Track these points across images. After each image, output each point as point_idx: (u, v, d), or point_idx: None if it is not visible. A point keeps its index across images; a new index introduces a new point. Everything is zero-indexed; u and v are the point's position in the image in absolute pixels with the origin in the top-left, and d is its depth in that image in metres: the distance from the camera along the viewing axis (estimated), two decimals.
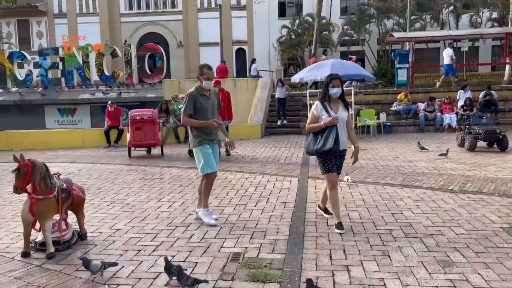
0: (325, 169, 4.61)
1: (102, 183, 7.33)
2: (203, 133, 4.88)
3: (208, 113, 4.89)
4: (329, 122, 4.44)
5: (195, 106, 4.83)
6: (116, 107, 13.05)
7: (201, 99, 4.86)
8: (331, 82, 4.55)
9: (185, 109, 4.86)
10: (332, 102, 4.58)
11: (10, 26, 31.29)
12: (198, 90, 4.89)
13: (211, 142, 4.93)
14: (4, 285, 3.42)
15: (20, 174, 3.84)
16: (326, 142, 4.44)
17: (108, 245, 4.29)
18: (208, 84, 4.91)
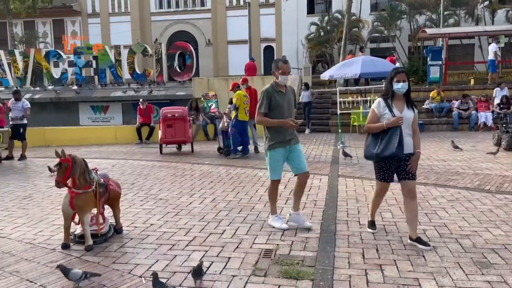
0: (380, 176, 4.13)
1: (135, 179, 7.50)
2: (277, 135, 4.50)
3: (284, 111, 4.50)
4: (392, 123, 3.89)
5: (270, 104, 4.46)
6: (147, 105, 13.31)
7: (276, 96, 4.48)
8: (395, 76, 3.96)
9: (260, 107, 4.50)
10: (396, 100, 4.01)
11: (46, 26, 32.34)
12: (273, 87, 4.52)
13: (287, 143, 4.53)
14: (46, 275, 3.57)
15: (61, 169, 3.99)
16: (387, 146, 3.90)
17: (142, 239, 4.40)
18: (284, 79, 4.48)
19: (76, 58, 19.07)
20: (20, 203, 6.01)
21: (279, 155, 4.55)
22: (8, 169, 9.17)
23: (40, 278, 3.50)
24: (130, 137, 13.32)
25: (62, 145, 12.77)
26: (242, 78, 11.03)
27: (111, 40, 29.36)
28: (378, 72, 11.85)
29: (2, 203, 6.05)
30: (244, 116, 9.49)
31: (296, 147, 4.62)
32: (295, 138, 4.62)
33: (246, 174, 7.62)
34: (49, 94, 18.76)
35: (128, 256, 3.95)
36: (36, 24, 31.89)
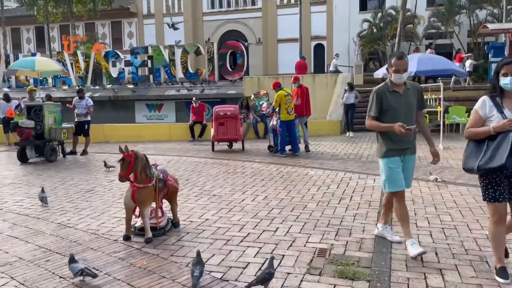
0: (489, 196, 3.23)
1: (189, 175, 7.71)
2: (391, 140, 3.86)
3: (399, 115, 3.77)
4: (501, 126, 3.10)
5: (381, 106, 3.83)
6: (200, 103, 13.62)
7: (389, 97, 3.82)
8: (502, 68, 3.21)
9: (369, 110, 3.90)
10: (506, 98, 3.24)
11: (105, 27, 33.92)
12: (387, 86, 3.88)
13: (402, 152, 3.88)
14: (111, 264, 3.77)
15: (125, 164, 4.18)
16: (495, 155, 3.10)
17: (198, 234, 4.52)
18: (399, 78, 3.79)
19: (132, 58, 19.86)
20: (83, 196, 6.37)
21: (394, 163, 3.87)
22: (72, 163, 9.74)
23: (105, 266, 3.70)
24: (183, 135, 13.70)
25: (120, 141, 13.37)
26: (293, 77, 11.02)
27: (165, 40, 30.31)
28: (437, 70, 11.40)
29: (68, 195, 6.43)
30: (287, 116, 9.46)
31: (410, 158, 3.96)
32: (412, 148, 3.94)
33: (297, 173, 7.62)
34: (108, 92, 19.68)
35: (185, 250, 4.08)
36: (96, 26, 33.53)
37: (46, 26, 31.20)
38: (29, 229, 4.78)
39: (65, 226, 4.89)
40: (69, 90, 19.49)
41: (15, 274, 3.58)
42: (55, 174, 8.24)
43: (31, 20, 32.48)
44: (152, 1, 32.71)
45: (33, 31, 35.50)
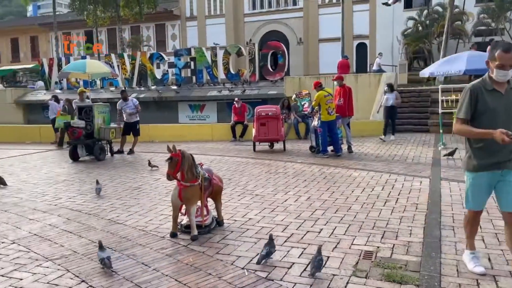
0: None
1: (231, 175, 7.81)
2: (486, 152, 3.23)
3: (499, 119, 3.15)
4: None
5: (476, 107, 3.22)
6: (242, 104, 13.74)
7: (488, 97, 3.20)
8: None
9: (458, 111, 3.31)
10: None
11: (149, 30, 34.93)
12: (485, 83, 3.25)
13: (499, 167, 3.21)
14: (158, 260, 3.88)
15: (172, 162, 4.30)
16: None
17: (242, 233, 4.57)
18: (503, 75, 3.14)
19: (176, 60, 20.28)
20: (131, 193, 6.59)
21: (483, 181, 3.30)
22: (120, 162, 10.10)
23: (153, 262, 3.82)
24: (225, 135, 13.87)
25: (164, 141, 13.75)
26: (336, 76, 10.90)
27: (207, 41, 30.80)
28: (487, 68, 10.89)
29: (117, 192, 6.68)
30: (327, 116, 9.36)
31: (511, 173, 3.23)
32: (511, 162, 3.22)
33: (340, 174, 7.53)
34: (152, 93, 20.20)
35: (230, 248, 4.14)
36: (141, 29, 34.58)
37: (94, 30, 32.50)
38: (82, 224, 5.01)
39: (115, 222, 5.08)
40: (116, 91, 20.15)
41: (70, 267, 3.76)
42: (104, 172, 8.58)
43: (81, 24, 33.97)
44: (195, 4, 33.33)
45: (82, 34, 37.08)
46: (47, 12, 53.62)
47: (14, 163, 10.07)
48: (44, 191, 6.88)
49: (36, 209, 5.76)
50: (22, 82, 31.17)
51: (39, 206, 5.89)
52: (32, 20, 45.30)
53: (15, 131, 16.60)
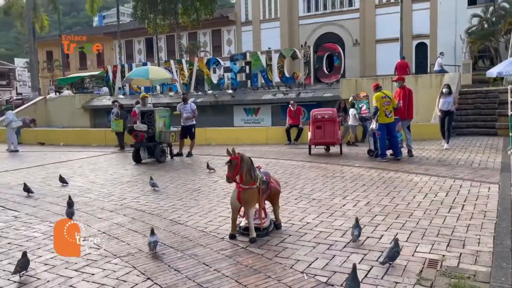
0: None
1: (287, 178, 7.81)
2: None
3: None
4: None
5: None
6: (297, 107, 13.71)
7: None
8: None
9: None
10: None
11: (206, 36, 35.84)
12: None
13: None
14: (219, 261, 3.97)
15: (232, 165, 4.38)
16: None
17: (300, 237, 4.56)
18: None
19: (232, 64, 20.66)
20: (191, 195, 6.79)
21: None
22: (179, 164, 10.44)
23: (214, 263, 3.91)
24: (280, 138, 13.90)
25: (220, 144, 14.03)
26: (397, 77, 10.57)
27: (262, 45, 31.08)
28: None
29: (177, 194, 6.91)
30: (385, 119, 9.09)
31: None
32: None
33: (400, 179, 7.29)
34: (209, 98, 20.72)
35: (288, 251, 4.15)
36: (198, 35, 35.57)
37: (155, 37, 33.86)
38: (145, 224, 5.23)
39: (177, 222, 5.26)
40: (175, 96, 20.90)
41: (137, 264, 3.94)
42: (165, 174, 8.91)
43: (142, 32, 35.56)
44: (250, 9, 33.76)
45: (143, 42, 38.80)
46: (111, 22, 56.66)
47: (83, 165, 10.72)
48: (110, 192, 7.26)
49: (104, 208, 6.09)
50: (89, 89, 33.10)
51: (106, 206, 6.23)
52: (98, 29, 48.06)
53: (83, 134, 17.68)
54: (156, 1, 28.70)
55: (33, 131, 18.63)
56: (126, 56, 38.84)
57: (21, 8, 33.93)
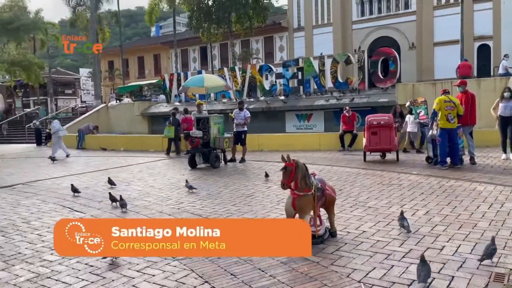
0: None
1: (342, 185, 7.70)
2: None
3: None
4: None
5: None
6: (352, 112, 13.50)
7: None
8: None
9: None
10: None
11: (258, 43, 36.23)
12: None
13: None
14: (274, 267, 3.98)
15: (286, 172, 4.40)
16: None
17: (357, 245, 4.48)
18: None
19: (284, 71, 20.72)
20: (245, 200, 6.88)
21: None
22: (233, 170, 10.61)
23: (269, 269, 3.94)
24: (333, 144, 13.73)
25: (272, 150, 14.10)
26: (459, 81, 10.10)
27: (314, 51, 30.90)
28: None
29: (232, 199, 7.03)
30: (446, 123, 8.68)
31: None
32: None
33: (462, 187, 6.96)
34: (261, 104, 20.87)
35: (345, 260, 4.09)
36: (251, 42, 36.02)
37: (209, 46, 34.72)
38: None
39: None
40: (228, 103, 21.26)
41: (194, 268, 4.05)
42: (219, 179, 9.09)
43: (196, 41, 36.56)
44: (302, 15, 33.72)
45: (198, 51, 39.88)
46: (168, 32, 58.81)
47: (142, 169, 11.18)
48: (168, 196, 7.52)
49: (163, 212, 6.32)
50: (147, 96, 34.55)
51: (164, 210, 6.46)
52: (155, 39, 50.05)
53: (141, 140, 18.45)
54: (211, 11, 29.44)
55: (96, 137, 19.70)
56: (181, 64, 40.11)
57: (86, 21, 36.08)
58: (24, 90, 45.81)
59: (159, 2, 34.76)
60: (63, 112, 34.35)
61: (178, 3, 33.46)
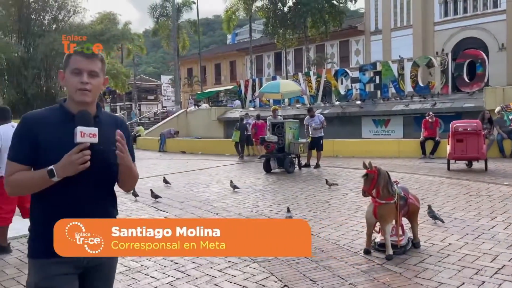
0: None
1: (424, 194, 7.34)
2: None
3: None
4: None
5: None
6: (435, 118, 12.84)
7: None
8: None
9: None
10: None
11: (333, 47, 35.79)
12: None
13: None
14: (354, 275, 3.92)
15: (368, 179, 4.31)
16: None
17: (442, 258, 4.26)
18: None
19: (361, 75, 20.26)
20: (321, 206, 6.82)
21: None
22: (307, 175, 10.57)
23: (349, 277, 3.88)
24: (413, 151, 13.15)
25: (348, 156, 13.83)
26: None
27: (392, 54, 29.81)
28: None
29: (308, 204, 7.01)
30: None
31: None
32: None
33: None
34: (336, 109, 20.57)
35: (430, 273, 3.90)
36: (325, 47, 35.68)
37: (283, 51, 34.98)
38: None
39: None
40: (302, 108, 21.22)
41: (273, 271, 4.11)
42: (294, 184, 9.11)
43: (271, 47, 37.04)
44: (380, 18, 32.74)
45: (272, 56, 40.34)
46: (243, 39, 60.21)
47: (219, 172, 11.54)
48: (245, 199, 7.69)
49: (240, 214, 6.48)
50: (223, 102, 35.62)
51: (242, 212, 6.61)
52: (231, 46, 51.51)
53: (218, 144, 19.04)
54: (286, 17, 29.65)
55: (176, 141, 20.70)
56: (256, 70, 40.82)
57: (168, 30, 38.12)
58: (112, 97, 49.50)
59: (236, 11, 35.74)
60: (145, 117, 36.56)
61: (255, 11, 34.11)
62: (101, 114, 2.02)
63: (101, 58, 1.99)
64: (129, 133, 2.09)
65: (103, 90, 2.12)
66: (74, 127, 1.80)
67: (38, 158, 1.87)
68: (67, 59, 1.96)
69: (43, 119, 1.92)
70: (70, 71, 1.92)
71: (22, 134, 1.90)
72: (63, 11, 27.22)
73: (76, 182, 1.86)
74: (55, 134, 1.88)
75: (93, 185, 1.92)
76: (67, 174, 1.81)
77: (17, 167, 1.88)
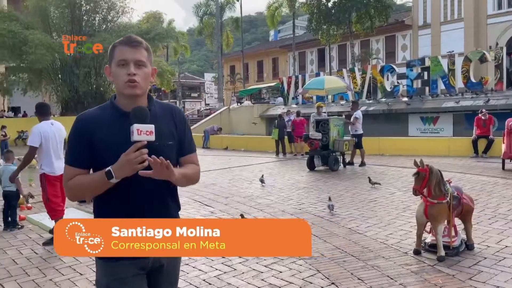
0: None
1: (477, 195, 7.02)
2: None
3: None
4: None
5: None
6: (488, 116, 12.25)
7: None
8: None
9: None
10: None
11: (378, 43, 34.91)
12: None
13: None
14: (404, 276, 3.82)
15: (419, 177, 4.19)
16: None
17: (498, 261, 4.07)
18: None
19: (408, 71, 19.66)
20: (368, 205, 6.69)
21: None
22: (352, 173, 10.40)
23: (399, 277, 3.78)
24: (464, 150, 12.61)
25: (394, 154, 13.47)
26: None
27: (441, 49, 28.71)
28: None
29: (353, 203, 6.90)
30: None
31: None
32: None
33: None
34: (381, 106, 20.07)
35: (485, 276, 3.74)
36: (371, 42, 34.86)
37: (327, 47, 34.53)
38: (325, 230, 5.37)
39: (355, 231, 5.25)
40: (346, 105, 20.87)
41: (320, 268, 4.08)
42: (339, 182, 8.99)
43: (314, 43, 36.65)
44: (429, 11, 31.56)
45: (315, 53, 39.91)
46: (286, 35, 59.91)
47: (262, 169, 11.56)
48: (288, 196, 7.67)
49: (285, 211, 6.48)
50: (265, 99, 35.68)
51: (286, 209, 6.60)
52: (273, 43, 51.41)
53: (260, 141, 19.10)
54: (331, 12, 29.22)
55: (220, 138, 20.97)
56: (298, 67, 40.56)
57: (211, 29, 38.63)
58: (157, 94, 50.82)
59: (279, 7, 35.64)
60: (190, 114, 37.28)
61: (298, 7, 33.87)
62: (153, 107, 1.91)
63: (146, 46, 1.88)
64: (186, 121, 2.03)
65: (152, 82, 2.07)
66: (128, 125, 1.74)
67: (95, 160, 1.84)
68: (112, 51, 1.87)
69: (96, 119, 1.86)
70: (116, 63, 1.83)
71: (77, 137, 1.86)
72: (113, 12, 28.18)
73: (136, 183, 1.80)
74: (110, 133, 1.82)
75: (152, 185, 1.83)
76: (125, 175, 1.75)
77: (75, 171, 1.85)
